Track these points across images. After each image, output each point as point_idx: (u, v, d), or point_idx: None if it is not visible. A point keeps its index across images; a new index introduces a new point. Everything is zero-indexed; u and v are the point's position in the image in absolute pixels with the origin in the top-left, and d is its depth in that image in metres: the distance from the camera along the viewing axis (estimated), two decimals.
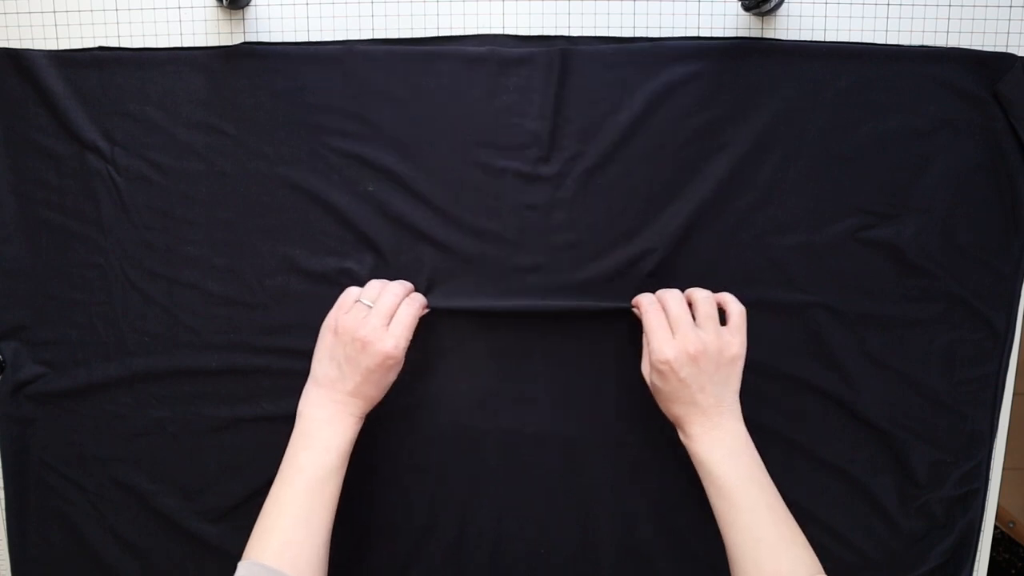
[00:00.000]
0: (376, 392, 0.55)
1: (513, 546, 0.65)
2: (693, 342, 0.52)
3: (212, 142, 0.61)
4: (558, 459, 0.64)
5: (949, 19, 0.60)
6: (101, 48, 0.61)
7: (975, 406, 0.64)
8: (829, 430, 0.63)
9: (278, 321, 0.63)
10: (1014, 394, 0.65)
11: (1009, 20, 0.60)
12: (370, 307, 0.55)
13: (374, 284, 0.57)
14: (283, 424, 0.63)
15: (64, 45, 0.62)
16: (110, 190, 0.62)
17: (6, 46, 0.62)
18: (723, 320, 0.56)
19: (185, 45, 0.61)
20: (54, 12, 0.62)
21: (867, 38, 0.60)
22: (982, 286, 0.62)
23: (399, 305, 0.56)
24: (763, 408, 0.62)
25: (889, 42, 0.60)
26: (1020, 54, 0.60)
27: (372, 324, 0.53)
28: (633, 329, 0.62)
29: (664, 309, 0.55)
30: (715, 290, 0.60)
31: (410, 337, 0.55)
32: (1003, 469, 0.67)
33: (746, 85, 0.60)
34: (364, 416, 0.55)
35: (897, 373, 0.63)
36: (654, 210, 0.61)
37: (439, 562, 0.65)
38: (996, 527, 0.69)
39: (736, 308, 0.56)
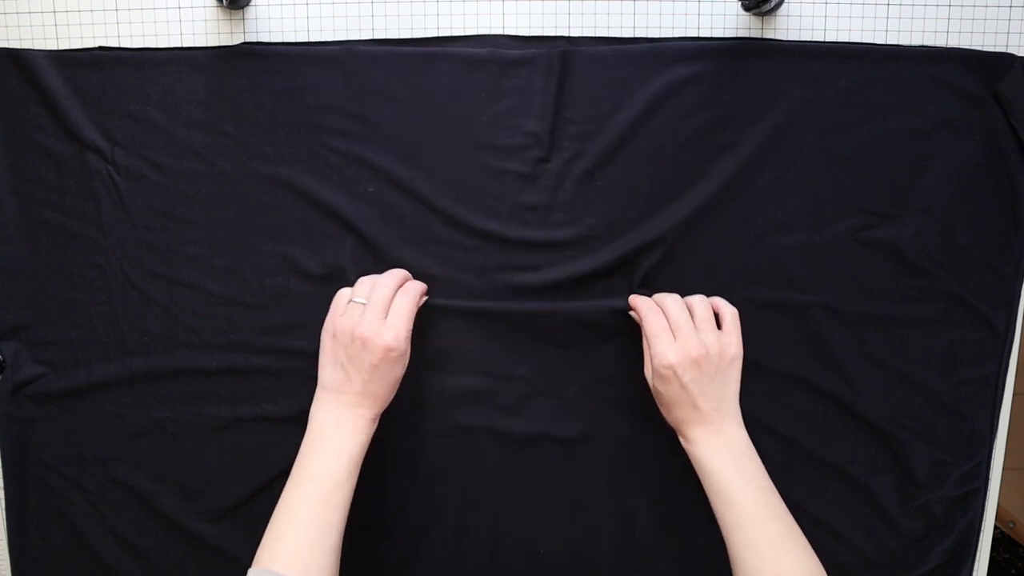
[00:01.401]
0: (384, 388, 0.54)
1: (511, 545, 0.65)
2: (696, 346, 0.53)
3: (212, 142, 0.61)
4: (556, 458, 0.64)
5: (949, 19, 0.60)
6: (101, 48, 0.61)
7: (975, 406, 0.64)
8: (829, 430, 0.63)
9: (278, 321, 0.63)
10: (1014, 394, 0.65)
11: (1009, 20, 0.60)
12: (364, 304, 0.54)
13: (364, 281, 0.57)
14: (283, 424, 0.63)
15: (64, 45, 0.62)
16: (110, 190, 0.62)
17: (6, 46, 0.62)
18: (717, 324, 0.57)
19: (185, 45, 0.61)
20: (54, 12, 0.62)
21: (867, 38, 0.60)
22: (982, 286, 0.62)
23: (393, 296, 0.55)
24: (763, 408, 0.62)
25: (889, 42, 0.60)
26: (1020, 54, 0.60)
27: (368, 320, 0.53)
28: (632, 327, 0.62)
29: (664, 313, 0.55)
30: (714, 290, 0.60)
31: (410, 326, 0.54)
32: (1003, 469, 0.67)
33: (746, 85, 0.60)
34: (377, 417, 0.55)
35: (897, 373, 0.63)
36: (654, 211, 0.61)
37: (437, 561, 0.65)
38: (996, 527, 0.69)
39: (729, 310, 0.57)
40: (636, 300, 0.58)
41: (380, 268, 0.62)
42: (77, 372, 0.64)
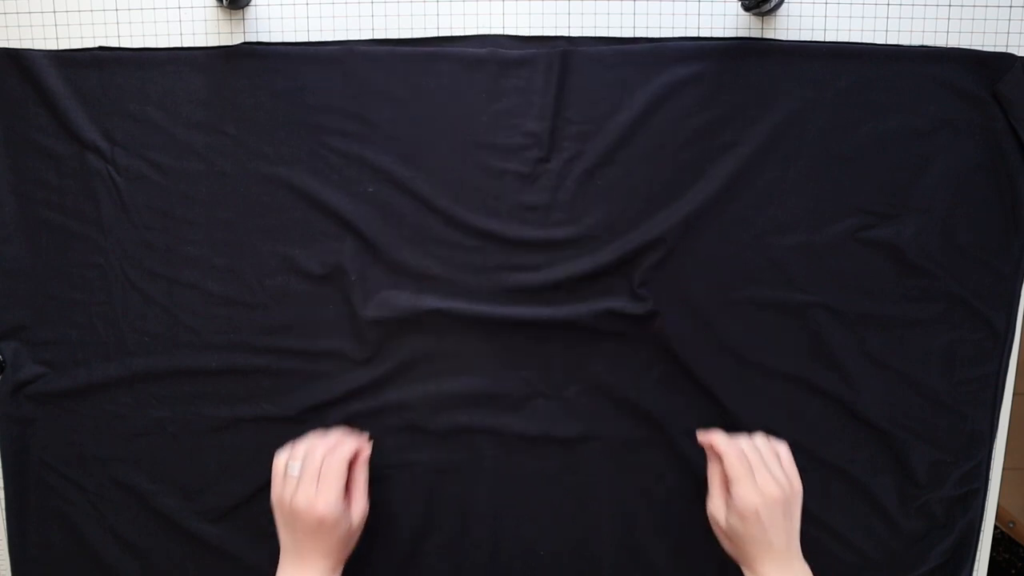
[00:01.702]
0: (335, 546, 0.55)
1: (511, 545, 0.65)
2: (773, 486, 0.54)
3: (212, 142, 0.61)
4: (556, 458, 0.64)
5: (949, 19, 0.60)
6: (101, 48, 0.61)
7: (975, 406, 0.64)
8: (829, 430, 0.63)
9: (278, 321, 0.63)
10: (1014, 394, 0.65)
11: (1009, 20, 0.60)
12: (297, 474, 0.55)
13: (300, 445, 0.57)
14: (283, 424, 0.63)
15: (64, 45, 0.62)
16: (110, 190, 0.62)
17: (6, 46, 0.62)
18: None
19: (185, 45, 0.61)
20: (54, 12, 0.62)
21: (867, 38, 0.60)
22: (982, 286, 0.62)
23: (324, 460, 0.56)
24: (763, 408, 0.62)
25: (889, 42, 0.60)
26: (1020, 54, 0.60)
27: (301, 492, 0.54)
28: (633, 328, 0.62)
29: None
30: (714, 290, 0.60)
31: (341, 489, 0.55)
32: (1003, 469, 0.67)
33: (746, 85, 0.60)
34: (338, 565, 0.56)
35: (897, 373, 0.63)
36: (654, 211, 0.61)
37: (437, 562, 0.65)
38: (996, 527, 0.69)
39: (784, 446, 0.58)
40: (713, 438, 0.58)
41: (380, 268, 0.62)
42: (77, 372, 0.64)
